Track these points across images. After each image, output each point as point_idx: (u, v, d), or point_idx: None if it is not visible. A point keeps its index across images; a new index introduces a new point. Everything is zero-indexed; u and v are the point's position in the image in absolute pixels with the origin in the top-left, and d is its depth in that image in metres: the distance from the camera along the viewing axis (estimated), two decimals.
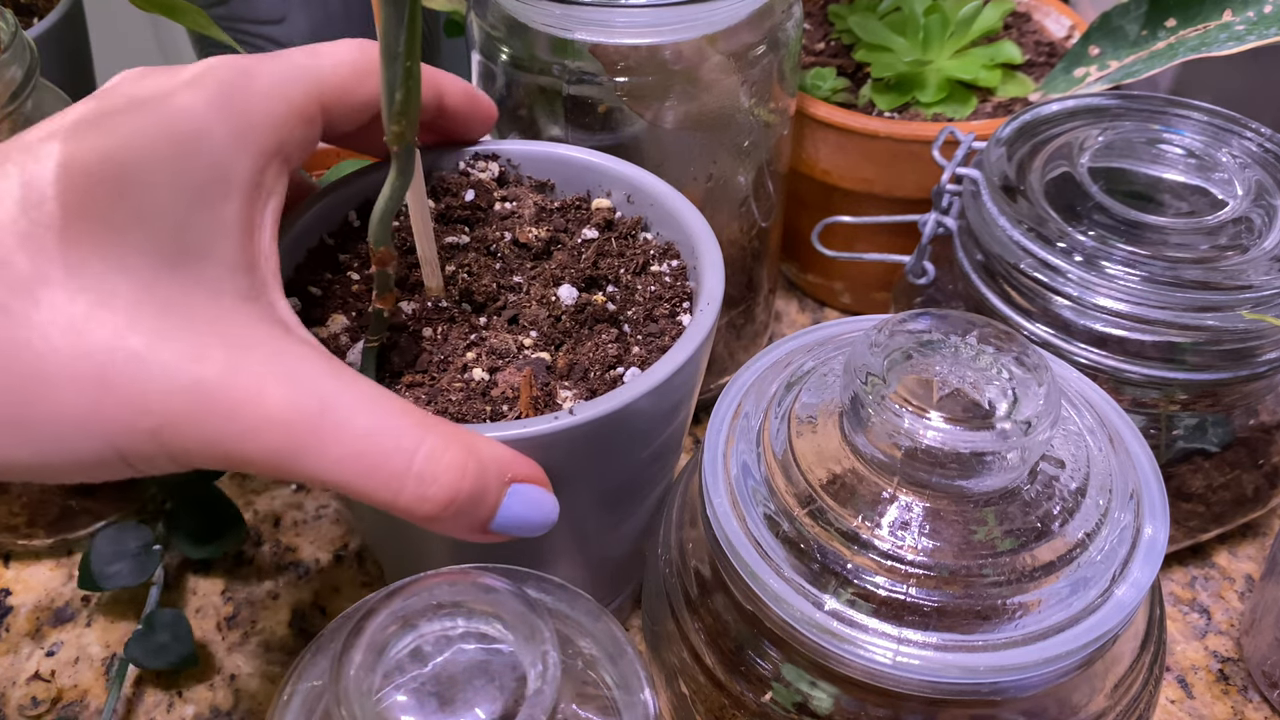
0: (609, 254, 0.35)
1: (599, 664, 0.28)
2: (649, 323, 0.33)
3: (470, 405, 0.30)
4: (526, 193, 0.37)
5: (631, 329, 0.33)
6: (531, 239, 0.35)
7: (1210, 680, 0.41)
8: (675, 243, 0.36)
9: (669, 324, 0.33)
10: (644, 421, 0.31)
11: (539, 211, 0.36)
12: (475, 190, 0.36)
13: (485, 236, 0.35)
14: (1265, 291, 0.36)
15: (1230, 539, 0.46)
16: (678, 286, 0.34)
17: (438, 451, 0.25)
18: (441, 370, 0.31)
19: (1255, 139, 0.42)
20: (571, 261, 0.34)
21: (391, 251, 0.30)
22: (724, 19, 0.39)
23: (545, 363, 0.31)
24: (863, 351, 0.29)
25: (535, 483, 0.27)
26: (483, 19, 0.41)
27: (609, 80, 0.39)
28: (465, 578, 0.25)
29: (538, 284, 0.33)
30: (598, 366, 0.31)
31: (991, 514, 0.28)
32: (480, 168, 0.37)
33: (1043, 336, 0.38)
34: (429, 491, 0.25)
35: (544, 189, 0.38)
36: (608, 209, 0.36)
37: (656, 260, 0.35)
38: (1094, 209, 0.39)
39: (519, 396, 0.30)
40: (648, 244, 0.36)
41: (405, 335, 0.32)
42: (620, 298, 0.34)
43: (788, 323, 0.57)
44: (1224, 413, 0.40)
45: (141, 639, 0.40)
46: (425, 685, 0.25)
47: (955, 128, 0.45)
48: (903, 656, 0.26)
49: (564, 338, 0.32)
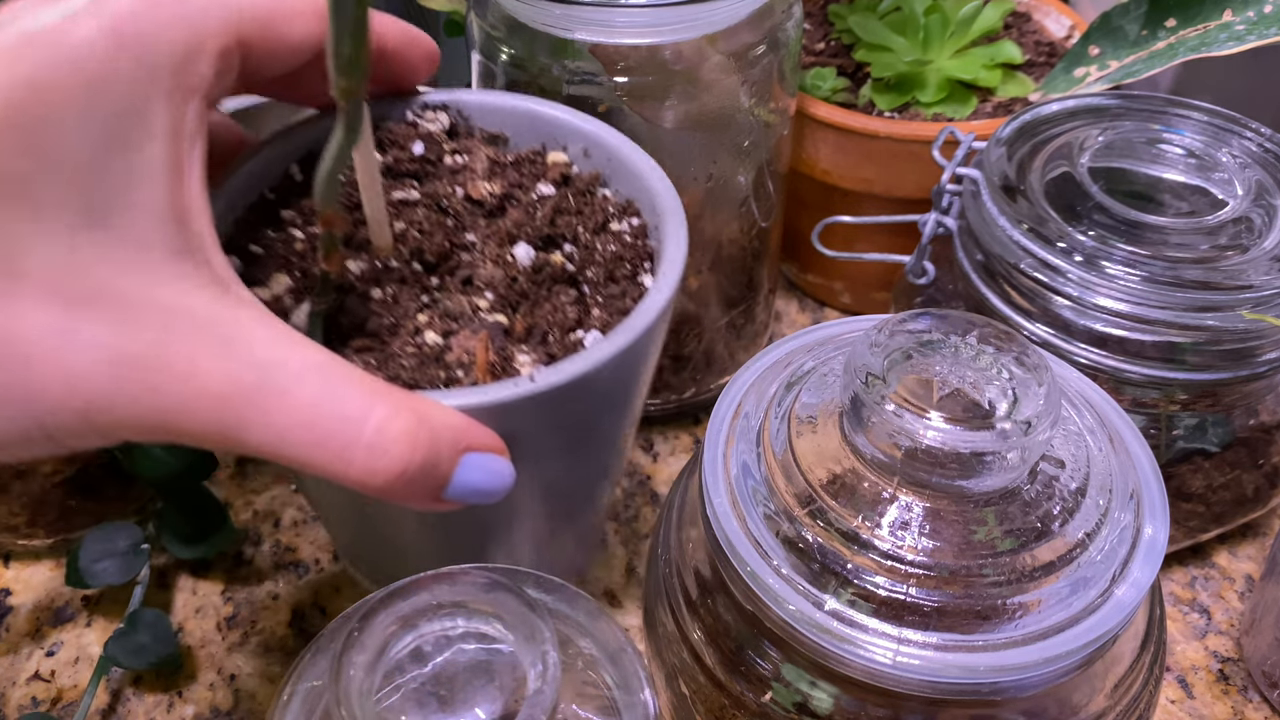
0: (566, 211, 0.33)
1: (599, 664, 0.28)
2: (609, 284, 0.32)
3: (424, 371, 0.28)
4: (478, 145, 0.34)
5: (591, 290, 0.32)
6: (484, 194, 0.33)
7: (1210, 680, 0.41)
8: (635, 200, 0.34)
9: (630, 285, 0.32)
10: (606, 387, 0.29)
11: (492, 166, 0.34)
12: (424, 143, 0.34)
13: (436, 192, 0.33)
14: (1265, 291, 0.36)
15: (1230, 539, 0.46)
16: (639, 246, 0.33)
17: (388, 421, 0.24)
18: (392, 334, 0.30)
19: (1255, 139, 0.42)
20: (527, 219, 0.32)
21: (339, 213, 0.29)
22: (724, 19, 0.39)
23: (502, 326, 0.30)
24: (863, 351, 0.29)
25: (491, 451, 0.26)
26: (483, 19, 0.41)
27: (609, 80, 0.39)
28: (465, 578, 0.25)
29: (492, 243, 0.32)
30: (557, 330, 0.30)
31: (991, 514, 0.28)
32: (429, 118, 0.35)
33: (1043, 336, 0.38)
34: (380, 463, 0.24)
35: (496, 142, 0.36)
36: (564, 164, 0.35)
37: (616, 218, 0.33)
38: (1094, 209, 0.39)
39: (475, 362, 0.29)
40: (606, 201, 0.34)
41: (353, 297, 0.30)
42: (579, 257, 0.32)
43: (788, 323, 0.57)
44: (1224, 413, 0.40)
45: (122, 638, 0.40)
46: (425, 685, 0.25)
47: (955, 128, 0.45)
48: (903, 656, 0.26)
49: (521, 299, 0.31)
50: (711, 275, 0.46)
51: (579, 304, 0.31)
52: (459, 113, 0.35)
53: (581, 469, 0.34)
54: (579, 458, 0.33)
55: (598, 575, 0.44)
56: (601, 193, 0.34)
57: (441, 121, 0.35)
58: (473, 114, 0.36)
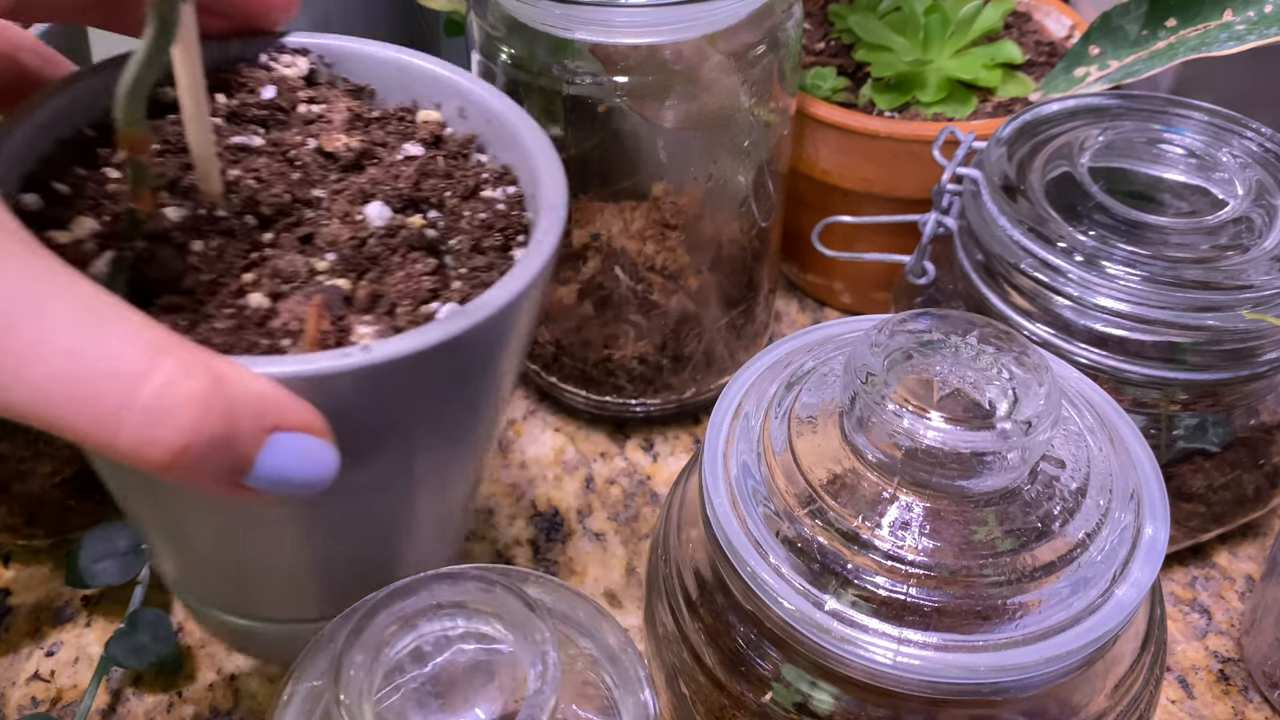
0: (433, 174, 0.30)
1: (599, 664, 0.28)
2: (476, 255, 0.29)
3: (241, 336, 0.25)
4: (340, 96, 0.31)
5: (455, 261, 0.28)
6: (340, 149, 0.30)
7: (1211, 680, 0.41)
8: (513, 166, 0.31)
9: (499, 258, 0.29)
10: (456, 366, 0.26)
11: (353, 119, 0.31)
12: (277, 88, 0.31)
13: (284, 141, 0.30)
14: (1265, 291, 0.36)
15: (1231, 539, 0.46)
16: (513, 217, 0.30)
17: (174, 381, 0.20)
18: (210, 293, 0.26)
19: (1255, 139, 0.42)
20: (388, 179, 0.29)
21: (146, 134, 0.25)
22: (724, 19, 0.39)
23: (341, 292, 0.26)
24: (863, 351, 0.29)
25: (308, 431, 0.22)
26: (483, 19, 0.41)
27: (609, 80, 0.39)
28: (465, 578, 0.25)
29: (342, 200, 0.28)
30: (408, 301, 0.27)
31: (992, 514, 0.28)
32: (286, 62, 0.32)
33: (1043, 336, 0.38)
34: (158, 432, 0.20)
35: (361, 94, 0.32)
36: (436, 123, 0.31)
37: (490, 185, 0.30)
38: (1094, 209, 0.39)
39: (304, 330, 0.25)
40: (481, 166, 0.31)
41: (167, 249, 0.26)
42: (444, 224, 0.29)
43: (788, 323, 0.57)
44: (1224, 413, 0.40)
45: (122, 638, 0.40)
46: (425, 685, 0.25)
47: (955, 127, 0.45)
48: (903, 656, 0.26)
49: (370, 264, 0.27)
50: (711, 275, 0.46)
51: (438, 275, 0.28)
52: (321, 59, 0.32)
53: (429, 459, 0.29)
54: (425, 446, 0.28)
55: (597, 575, 0.44)
56: (476, 158, 0.31)
57: (299, 67, 0.32)
58: (336, 61, 0.33)
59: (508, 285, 0.26)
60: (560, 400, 0.50)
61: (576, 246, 0.45)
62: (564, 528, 0.46)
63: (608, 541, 0.45)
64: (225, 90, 0.31)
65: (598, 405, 0.49)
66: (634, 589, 0.44)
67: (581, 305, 0.46)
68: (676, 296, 0.46)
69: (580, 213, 0.44)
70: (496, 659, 0.25)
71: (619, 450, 0.49)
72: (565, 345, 0.48)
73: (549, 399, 0.51)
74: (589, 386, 0.49)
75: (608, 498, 0.47)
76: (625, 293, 0.45)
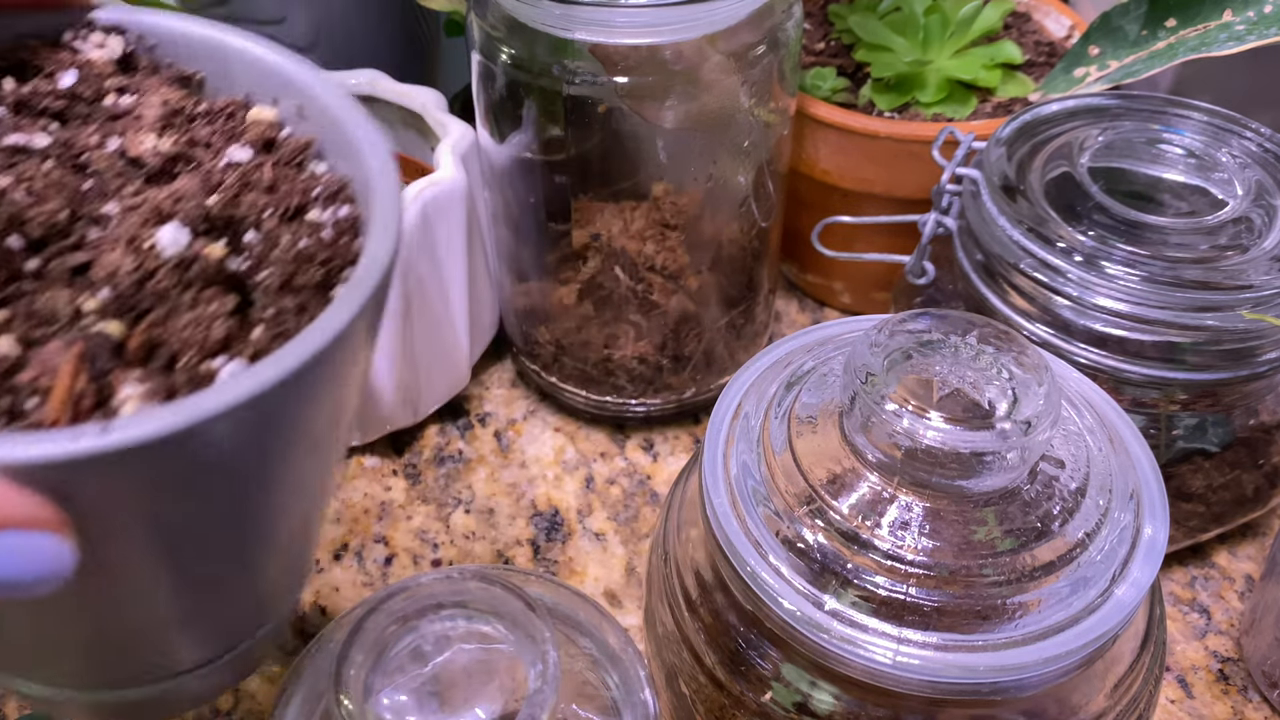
0: (256, 186, 0.25)
1: (599, 664, 0.28)
2: (286, 294, 0.23)
3: None
4: (159, 86, 0.26)
5: (264, 299, 0.23)
6: (147, 153, 0.24)
7: (1210, 680, 0.41)
8: (353, 183, 0.25)
9: (314, 299, 0.23)
10: (240, 444, 0.20)
11: (170, 114, 0.26)
12: (80, 73, 0.26)
13: (76, 142, 0.24)
14: (1265, 291, 0.36)
15: (1230, 539, 0.46)
16: (340, 246, 0.24)
17: None
18: None
19: (1255, 139, 0.42)
20: (198, 192, 0.24)
21: None
22: (724, 19, 0.39)
23: (109, 340, 0.21)
24: (863, 351, 0.29)
25: (29, 526, 0.18)
26: (483, 19, 0.41)
27: (609, 80, 0.39)
28: (465, 577, 0.25)
29: (135, 219, 0.23)
30: (193, 352, 0.22)
31: (991, 514, 0.28)
32: (95, 42, 0.26)
33: (1043, 336, 0.38)
34: None
35: (188, 84, 0.27)
36: (270, 123, 0.26)
37: (320, 204, 0.25)
38: (1094, 209, 0.39)
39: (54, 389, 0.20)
40: (314, 180, 0.25)
41: None
42: (257, 252, 0.24)
43: (788, 323, 0.57)
44: (1224, 413, 0.40)
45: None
46: (425, 685, 0.25)
47: (955, 128, 0.45)
48: (903, 656, 0.26)
49: (154, 304, 0.22)
50: (711, 275, 0.46)
51: (238, 317, 0.22)
52: (140, 40, 0.27)
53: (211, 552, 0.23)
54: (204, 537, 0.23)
55: (597, 575, 0.44)
56: (312, 168, 0.26)
57: (112, 49, 0.26)
58: (160, 43, 0.27)
59: (308, 339, 0.20)
60: (560, 400, 0.50)
61: (576, 246, 0.45)
62: (564, 528, 0.46)
63: (608, 541, 0.45)
64: (17, 74, 0.25)
65: (598, 405, 0.49)
66: (634, 589, 0.44)
67: (581, 305, 0.46)
68: (676, 296, 0.46)
69: (580, 213, 0.44)
70: (497, 659, 0.25)
71: (619, 450, 0.49)
72: (565, 345, 0.48)
73: (549, 399, 0.51)
74: (589, 386, 0.49)
75: (608, 498, 0.47)
76: (625, 293, 0.45)
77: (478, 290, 0.48)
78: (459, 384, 0.50)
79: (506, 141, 0.43)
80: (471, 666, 0.26)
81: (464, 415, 0.51)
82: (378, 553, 0.45)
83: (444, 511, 0.47)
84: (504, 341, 0.52)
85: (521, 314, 0.49)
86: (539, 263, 0.46)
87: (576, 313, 0.47)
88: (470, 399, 0.51)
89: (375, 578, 0.45)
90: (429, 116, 0.47)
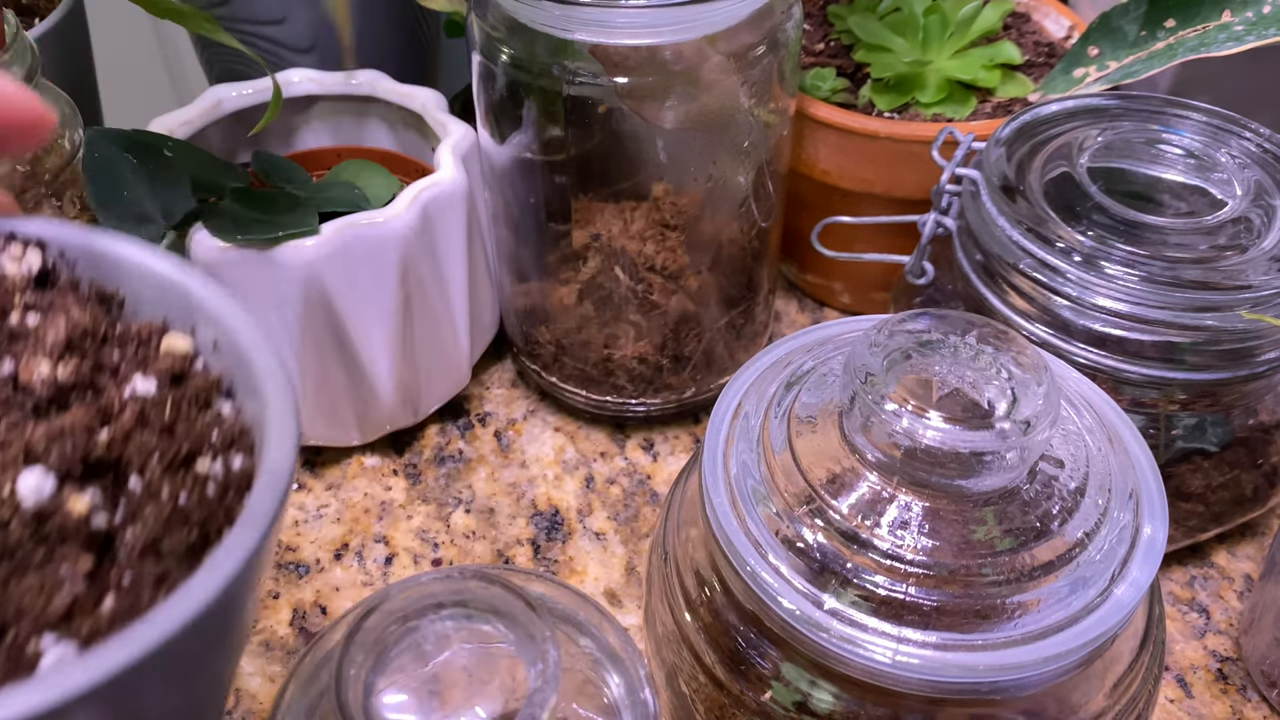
0: (152, 426, 0.22)
1: (599, 664, 0.28)
2: (149, 558, 0.20)
3: None
4: (73, 305, 0.24)
5: (126, 561, 0.20)
6: (38, 380, 0.22)
7: (1209, 680, 0.41)
8: (255, 431, 0.23)
9: (180, 567, 0.20)
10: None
11: (79, 336, 0.23)
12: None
13: None
14: (1264, 291, 0.36)
15: (1229, 539, 0.46)
16: (225, 505, 0.22)
17: None
18: None
19: (1254, 139, 0.42)
20: (86, 428, 0.21)
21: None
22: (724, 19, 0.39)
23: None
24: (862, 351, 0.29)
25: None
26: (483, 19, 0.41)
27: (609, 81, 0.39)
28: (465, 577, 0.25)
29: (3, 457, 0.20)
30: (26, 624, 0.19)
31: (991, 513, 0.28)
32: (12, 255, 0.24)
33: (1042, 336, 0.38)
34: None
35: (108, 304, 0.25)
36: (183, 354, 0.24)
37: (215, 453, 0.22)
38: (1093, 209, 0.39)
39: None
40: (218, 421, 0.23)
41: None
42: (131, 505, 0.21)
43: (787, 323, 0.57)
44: (1223, 412, 0.40)
45: None
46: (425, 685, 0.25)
47: (955, 128, 0.45)
48: (902, 655, 0.26)
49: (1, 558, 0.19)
50: (711, 275, 0.46)
51: (91, 584, 0.20)
52: (63, 255, 0.25)
53: None
54: None
55: (597, 575, 0.44)
56: (219, 407, 0.23)
57: (30, 263, 0.24)
58: (81, 259, 0.25)
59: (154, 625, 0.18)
60: (560, 400, 0.50)
61: (577, 247, 0.45)
62: (564, 527, 0.46)
63: (608, 541, 0.45)
64: None
65: (598, 405, 0.49)
66: (634, 588, 0.44)
67: (581, 305, 0.47)
68: (676, 296, 0.46)
69: (580, 213, 0.44)
70: (497, 658, 0.25)
71: (619, 450, 0.49)
72: (565, 345, 0.48)
73: (549, 399, 0.51)
74: (589, 386, 0.49)
75: (608, 497, 0.47)
76: (625, 293, 0.45)
77: (478, 290, 0.48)
78: (459, 384, 0.50)
79: (507, 142, 0.43)
80: (472, 666, 0.26)
81: (464, 415, 0.51)
82: (378, 552, 0.45)
83: (444, 511, 0.47)
84: (504, 341, 0.53)
85: (522, 314, 0.49)
86: (539, 263, 0.46)
87: (576, 313, 0.47)
88: (470, 399, 0.52)
89: (375, 577, 0.45)
90: (429, 117, 0.47)
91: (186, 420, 0.23)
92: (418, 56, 0.58)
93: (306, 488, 0.48)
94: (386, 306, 0.43)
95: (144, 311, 0.25)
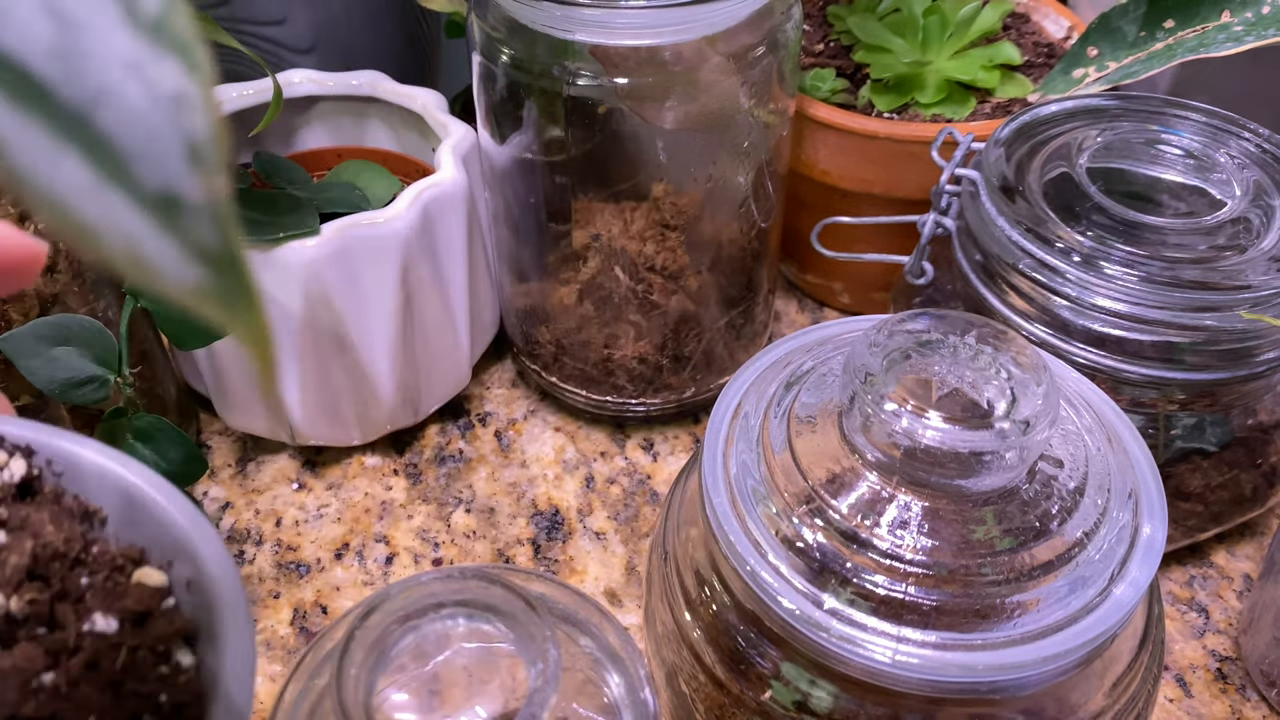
0: (101, 674, 0.20)
1: (599, 663, 0.28)
2: None
3: None
4: (47, 523, 0.22)
5: None
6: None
7: (1208, 679, 0.41)
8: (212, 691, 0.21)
9: None
10: None
11: (45, 559, 0.21)
12: None
13: None
14: (1263, 291, 0.36)
15: (1228, 538, 0.46)
16: None
17: None
18: None
19: (1253, 140, 0.42)
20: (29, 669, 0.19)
21: None
22: (724, 20, 0.39)
23: None
24: (862, 351, 0.29)
25: None
26: (483, 20, 0.41)
27: (609, 81, 0.39)
28: (465, 576, 0.25)
29: None
30: None
31: (990, 513, 0.28)
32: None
33: (1041, 336, 0.38)
34: None
35: (90, 521, 0.23)
36: (154, 589, 0.22)
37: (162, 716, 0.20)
38: (1092, 209, 0.39)
39: None
40: (174, 676, 0.21)
41: None
42: None
43: (787, 323, 0.57)
44: (1222, 412, 0.40)
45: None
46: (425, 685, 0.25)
47: (954, 128, 0.45)
48: (902, 655, 0.26)
49: None
50: (711, 275, 0.46)
51: None
52: (49, 464, 0.23)
53: None
54: None
55: (598, 574, 0.44)
56: (179, 658, 0.21)
57: (13, 471, 0.22)
58: (67, 471, 0.23)
59: None
60: (560, 400, 0.50)
61: (577, 247, 0.45)
62: (564, 527, 0.46)
63: (608, 541, 0.45)
64: None
65: (598, 405, 0.49)
66: (634, 588, 0.44)
67: (581, 305, 0.47)
68: (676, 296, 0.46)
69: (580, 213, 0.44)
70: (497, 658, 0.25)
71: (619, 450, 0.49)
72: (565, 345, 0.48)
73: (549, 399, 0.51)
74: (589, 386, 0.49)
75: (608, 497, 0.47)
76: (625, 293, 0.46)
77: (478, 290, 0.48)
78: (459, 384, 0.50)
79: (507, 142, 0.43)
80: (472, 665, 0.26)
81: (464, 415, 0.51)
82: (378, 552, 0.45)
83: (445, 511, 0.47)
84: (504, 341, 0.53)
85: (522, 314, 0.49)
86: (539, 263, 0.47)
87: (577, 313, 0.47)
88: (471, 399, 0.52)
89: (376, 577, 0.45)
90: (429, 117, 0.47)
91: (139, 672, 0.20)
92: (418, 57, 0.58)
93: (307, 487, 0.48)
94: (387, 307, 0.43)
95: (124, 534, 0.23)
